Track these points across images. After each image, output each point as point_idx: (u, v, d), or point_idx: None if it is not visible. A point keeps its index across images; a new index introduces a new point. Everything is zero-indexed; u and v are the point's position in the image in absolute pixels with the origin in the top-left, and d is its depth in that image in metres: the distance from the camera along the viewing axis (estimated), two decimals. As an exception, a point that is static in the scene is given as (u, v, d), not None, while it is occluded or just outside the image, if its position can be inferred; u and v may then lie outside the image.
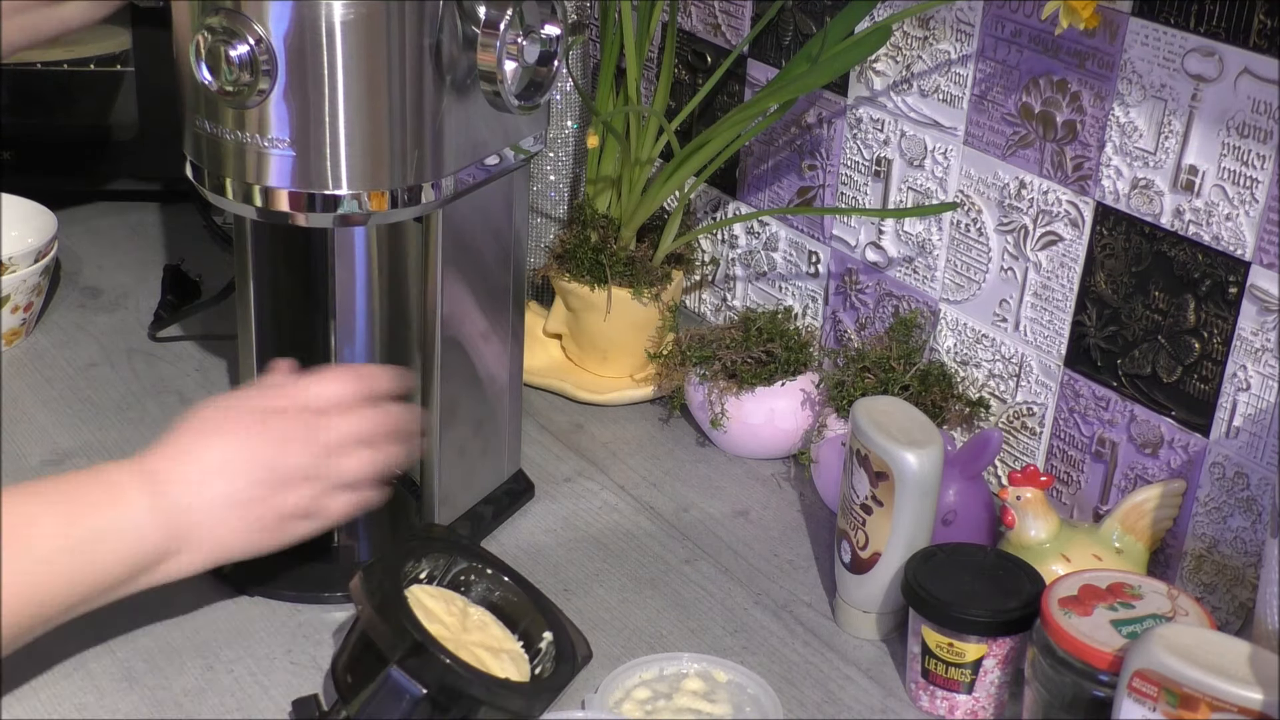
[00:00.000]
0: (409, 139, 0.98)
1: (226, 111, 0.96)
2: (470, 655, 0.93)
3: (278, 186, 0.97)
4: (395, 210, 0.99)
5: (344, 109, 0.95)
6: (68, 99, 1.57)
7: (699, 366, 1.27)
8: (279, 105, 0.95)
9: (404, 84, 0.96)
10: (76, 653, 1.01)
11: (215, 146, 0.98)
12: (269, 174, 0.97)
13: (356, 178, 0.97)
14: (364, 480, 1.02)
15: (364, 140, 0.97)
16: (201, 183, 1.01)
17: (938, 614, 0.97)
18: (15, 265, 1.31)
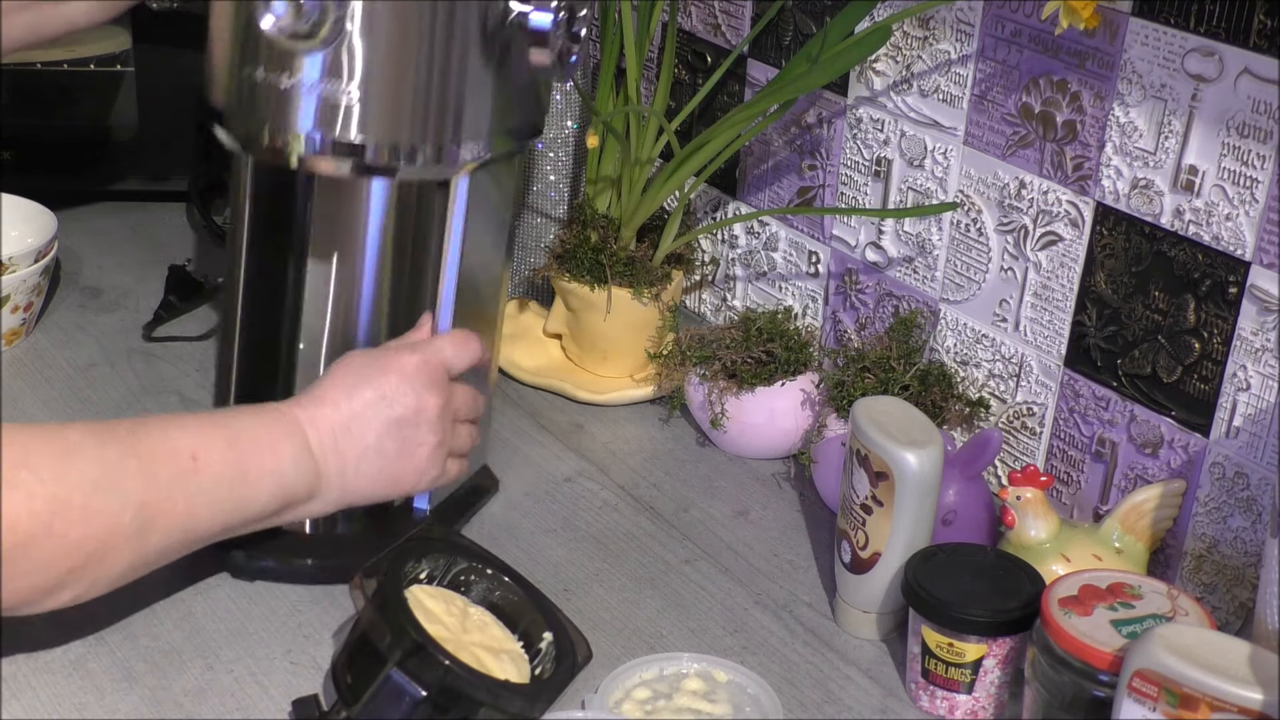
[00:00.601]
0: (458, 98, 1.02)
1: (276, 55, 0.99)
2: (470, 656, 0.93)
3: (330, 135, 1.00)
4: (434, 167, 1.04)
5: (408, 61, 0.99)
6: (68, 99, 1.57)
7: (699, 366, 1.27)
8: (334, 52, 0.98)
9: (450, 48, 1.00)
10: (77, 653, 1.01)
11: (253, 92, 1.00)
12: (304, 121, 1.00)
13: (394, 129, 1.01)
14: (468, 450, 1.09)
15: (423, 93, 1.00)
16: (230, 130, 1.04)
17: (938, 614, 0.97)
18: (15, 265, 1.31)
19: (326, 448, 1.00)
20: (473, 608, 1.00)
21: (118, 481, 0.90)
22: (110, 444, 0.91)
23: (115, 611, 1.05)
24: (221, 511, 0.95)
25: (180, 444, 0.93)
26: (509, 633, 1.00)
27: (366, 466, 1.01)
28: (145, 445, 0.92)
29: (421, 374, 1.03)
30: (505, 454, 1.26)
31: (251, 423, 0.98)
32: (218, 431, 0.96)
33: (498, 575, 1.02)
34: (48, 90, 1.56)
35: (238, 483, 0.96)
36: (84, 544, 0.88)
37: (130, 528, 0.90)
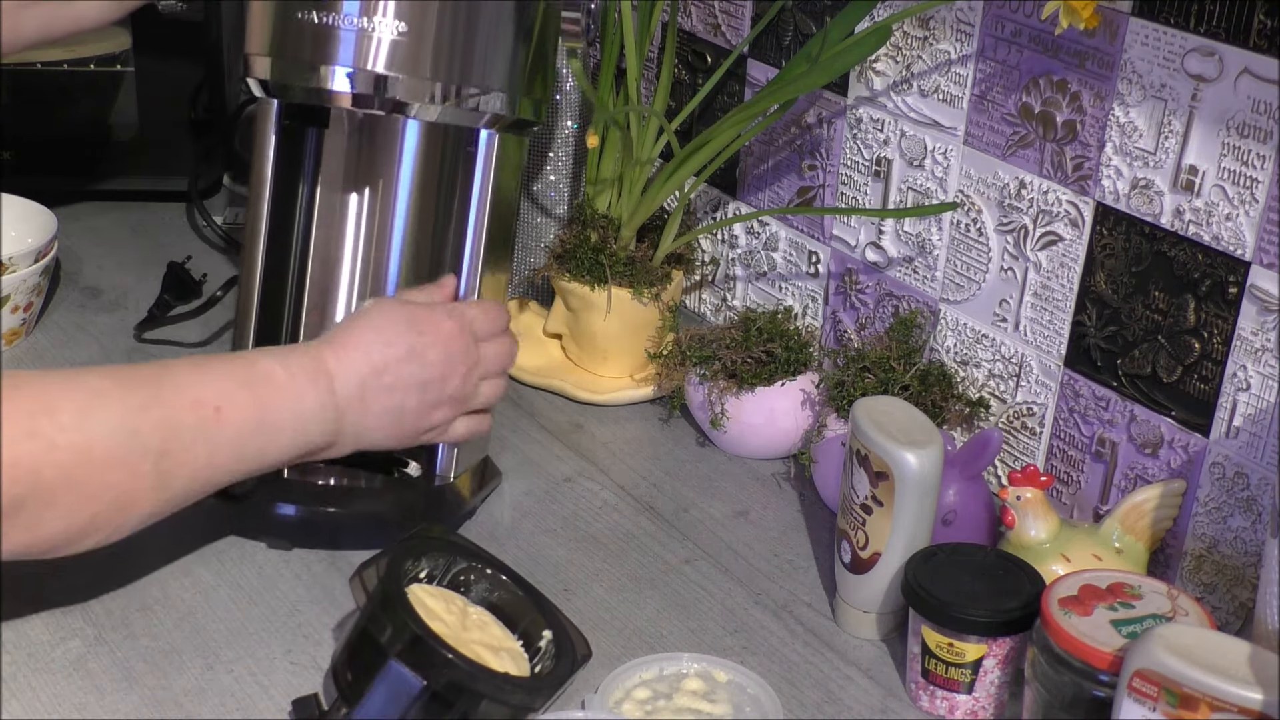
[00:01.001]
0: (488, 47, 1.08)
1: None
2: (470, 653, 0.93)
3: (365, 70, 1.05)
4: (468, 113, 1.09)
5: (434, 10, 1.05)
6: (68, 99, 1.57)
7: (699, 366, 1.27)
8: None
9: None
10: (77, 653, 1.01)
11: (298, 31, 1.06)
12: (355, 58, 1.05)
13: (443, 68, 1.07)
14: (491, 404, 1.11)
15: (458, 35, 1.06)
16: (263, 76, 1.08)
17: (938, 614, 0.97)
18: (15, 265, 1.31)
19: (351, 398, 1.00)
20: (472, 607, 1.00)
21: (140, 431, 0.90)
22: (134, 392, 0.91)
23: (115, 611, 1.05)
24: (241, 460, 0.97)
25: (205, 394, 0.94)
26: (509, 632, 1.00)
27: (385, 420, 1.03)
28: (169, 394, 0.92)
29: (456, 342, 1.05)
30: (505, 454, 1.26)
31: (279, 370, 0.98)
32: (243, 380, 0.96)
33: (497, 575, 1.02)
34: (48, 90, 1.56)
35: (259, 433, 0.96)
36: (105, 492, 0.89)
37: (151, 476, 0.91)
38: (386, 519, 1.12)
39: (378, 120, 1.20)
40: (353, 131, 1.20)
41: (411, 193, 1.20)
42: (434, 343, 1.04)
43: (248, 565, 1.11)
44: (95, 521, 0.90)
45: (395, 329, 1.03)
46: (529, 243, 1.44)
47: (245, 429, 0.96)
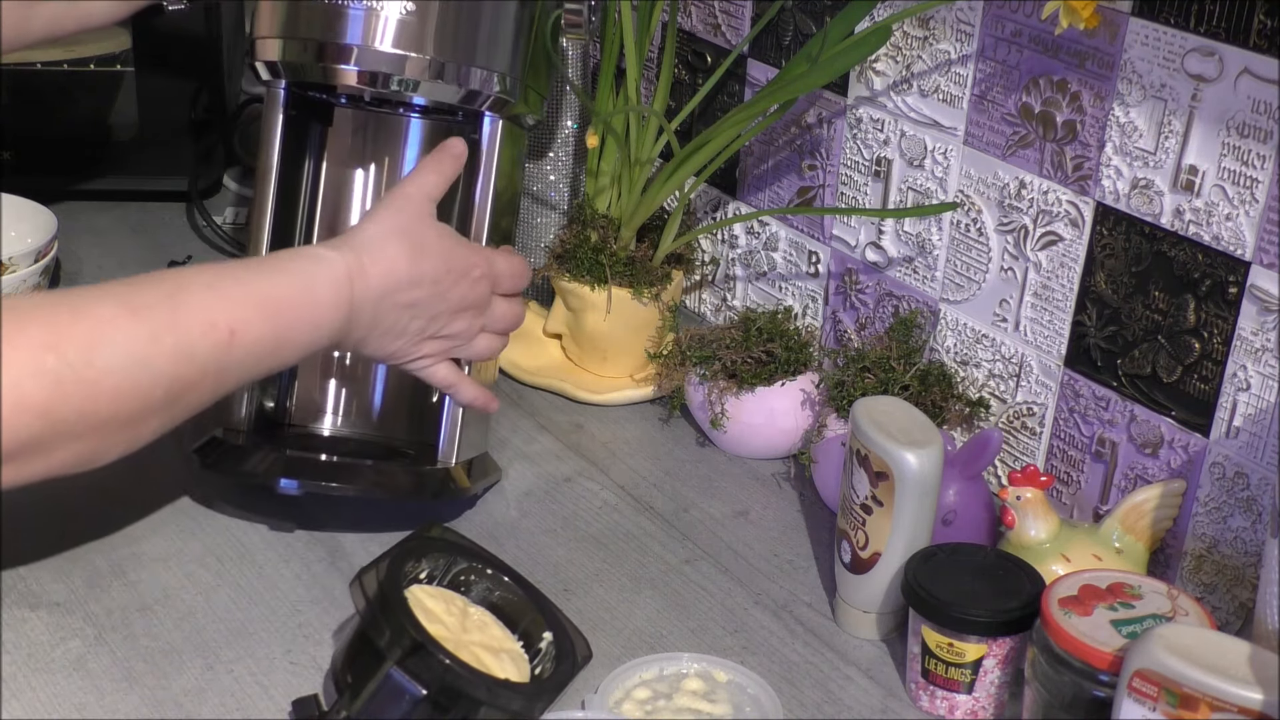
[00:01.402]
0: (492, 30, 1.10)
1: None
2: (470, 655, 0.93)
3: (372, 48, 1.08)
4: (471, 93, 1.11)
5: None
6: (68, 99, 1.57)
7: (699, 366, 1.27)
8: None
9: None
10: (77, 653, 1.01)
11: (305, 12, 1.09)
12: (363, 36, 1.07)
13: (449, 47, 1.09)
14: (484, 359, 1.12)
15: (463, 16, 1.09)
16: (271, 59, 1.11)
17: (938, 614, 0.97)
18: (15, 265, 1.31)
19: (364, 314, 1.00)
20: (473, 608, 1.00)
21: (150, 359, 0.88)
22: (145, 319, 0.89)
23: (115, 611, 1.05)
24: (248, 377, 0.96)
25: (219, 318, 0.92)
26: (509, 632, 1.00)
27: (384, 337, 1.03)
28: (182, 319, 0.91)
29: (477, 288, 1.07)
30: (505, 454, 1.26)
31: (298, 288, 0.97)
32: (260, 303, 0.95)
33: (498, 575, 1.02)
34: (48, 90, 1.56)
35: (270, 354, 0.96)
36: (116, 419, 0.88)
37: (161, 401, 0.90)
38: (389, 499, 1.13)
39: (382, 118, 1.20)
40: (357, 129, 1.21)
41: None
42: (458, 281, 1.05)
43: (248, 565, 1.11)
44: (106, 444, 0.89)
45: (429, 257, 1.03)
46: (529, 243, 1.44)
47: (257, 350, 0.94)
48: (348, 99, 1.21)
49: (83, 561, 1.10)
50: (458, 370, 1.10)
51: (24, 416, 0.83)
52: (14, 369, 0.83)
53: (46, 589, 1.07)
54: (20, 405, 0.83)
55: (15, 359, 0.83)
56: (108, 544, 1.12)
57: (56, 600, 1.06)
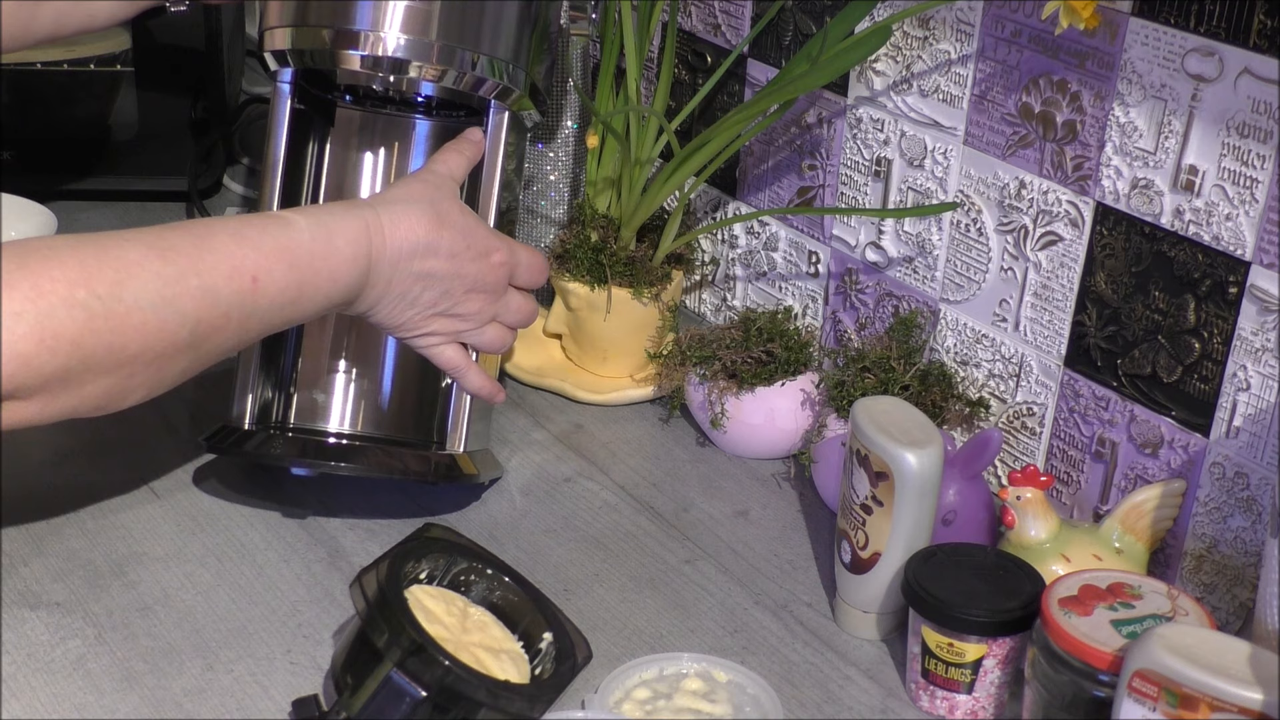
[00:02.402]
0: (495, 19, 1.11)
1: None
2: (470, 656, 0.93)
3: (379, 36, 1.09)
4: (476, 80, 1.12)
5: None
6: (68, 99, 1.57)
7: (699, 366, 1.27)
8: None
9: None
10: (77, 653, 1.01)
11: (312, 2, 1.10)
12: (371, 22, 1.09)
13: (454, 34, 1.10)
14: (492, 350, 1.12)
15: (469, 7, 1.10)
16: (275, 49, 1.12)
17: (938, 614, 0.97)
18: (15, 265, 1.31)
19: (380, 276, 1.02)
20: (473, 608, 1.00)
21: (176, 299, 0.91)
22: (172, 260, 0.91)
23: (115, 611, 1.05)
24: (270, 325, 0.98)
25: (244, 264, 0.94)
26: (509, 633, 1.00)
27: (396, 304, 1.04)
28: (208, 264, 0.93)
29: (495, 272, 1.08)
30: (505, 454, 1.26)
31: (321, 242, 0.99)
32: (283, 253, 0.97)
33: (498, 575, 1.02)
34: (48, 90, 1.56)
35: (291, 304, 0.97)
36: (142, 355, 0.90)
37: (186, 341, 0.92)
38: (397, 476, 1.14)
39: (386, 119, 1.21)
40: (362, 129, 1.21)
41: None
42: (475, 259, 1.06)
43: (248, 565, 1.11)
44: (135, 381, 0.91)
45: (449, 229, 1.04)
46: (529, 243, 1.43)
47: (279, 300, 0.97)
48: (352, 97, 1.21)
49: (83, 561, 1.10)
50: (466, 355, 1.11)
51: (56, 347, 0.85)
52: (46, 300, 0.85)
53: (46, 589, 1.07)
54: (52, 336, 0.85)
55: (47, 291, 0.85)
56: (108, 544, 1.12)
57: (56, 600, 1.06)
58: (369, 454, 1.16)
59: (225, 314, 0.93)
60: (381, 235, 1.01)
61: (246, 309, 0.95)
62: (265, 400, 1.18)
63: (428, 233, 1.03)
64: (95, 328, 0.87)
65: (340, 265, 0.99)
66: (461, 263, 1.06)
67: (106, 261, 0.89)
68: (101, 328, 0.87)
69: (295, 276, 0.97)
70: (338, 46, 1.10)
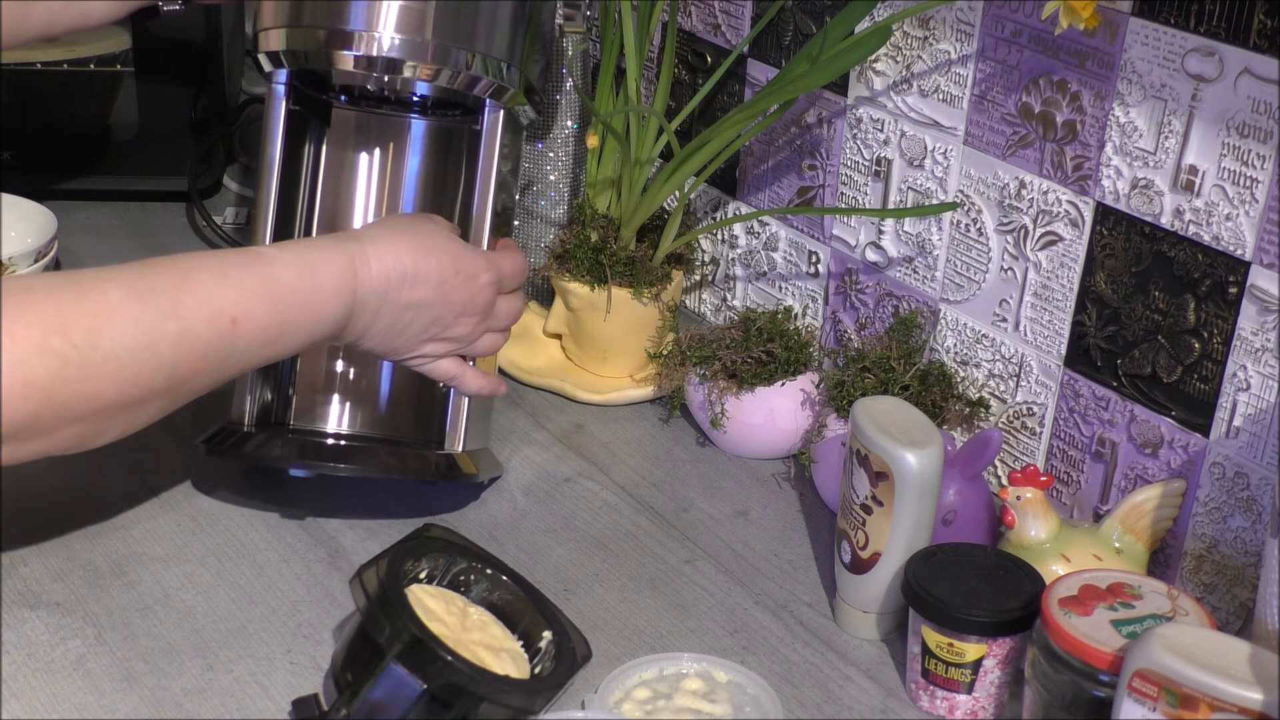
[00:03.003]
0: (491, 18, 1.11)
1: None
2: (470, 654, 0.93)
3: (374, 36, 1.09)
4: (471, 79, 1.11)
5: None
6: (68, 99, 1.57)
7: (699, 366, 1.27)
8: None
9: None
10: (77, 653, 1.01)
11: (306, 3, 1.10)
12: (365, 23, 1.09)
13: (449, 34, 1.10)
14: (486, 355, 1.13)
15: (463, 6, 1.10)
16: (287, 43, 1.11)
17: (938, 614, 0.97)
18: (15, 265, 1.31)
19: (367, 308, 1.01)
20: (472, 607, 1.00)
21: (154, 346, 0.90)
22: (151, 303, 0.90)
23: (115, 611, 1.05)
24: (250, 365, 0.97)
25: (223, 305, 0.93)
26: (509, 632, 1.00)
27: (385, 333, 1.04)
28: (188, 306, 0.92)
29: (483, 292, 1.07)
30: (505, 454, 1.26)
31: (304, 279, 0.98)
32: (265, 291, 0.96)
33: (497, 575, 1.02)
34: (48, 90, 1.56)
35: (272, 343, 0.97)
36: (117, 401, 0.89)
37: (162, 386, 0.91)
38: (396, 476, 1.14)
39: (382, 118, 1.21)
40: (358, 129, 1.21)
41: (416, 186, 1.22)
42: (464, 284, 1.06)
43: (248, 565, 1.11)
44: (107, 425, 0.91)
45: (435, 256, 1.04)
46: (529, 243, 1.43)
47: (258, 341, 0.95)
48: (347, 97, 1.21)
49: (83, 561, 1.10)
50: (460, 362, 1.11)
51: (27, 395, 0.84)
52: (20, 347, 0.84)
53: (46, 589, 1.07)
54: (23, 383, 0.84)
55: (22, 337, 0.84)
56: (108, 544, 1.12)
57: (56, 600, 1.06)
58: (367, 454, 1.16)
59: (203, 357, 0.92)
60: (367, 267, 1.00)
61: (225, 351, 0.94)
62: (265, 401, 1.18)
63: (414, 262, 1.02)
64: (69, 375, 0.86)
65: (324, 301, 0.98)
66: (449, 290, 1.05)
67: (85, 305, 0.87)
68: (75, 375, 0.86)
69: (277, 314, 0.96)
70: (332, 47, 1.10)
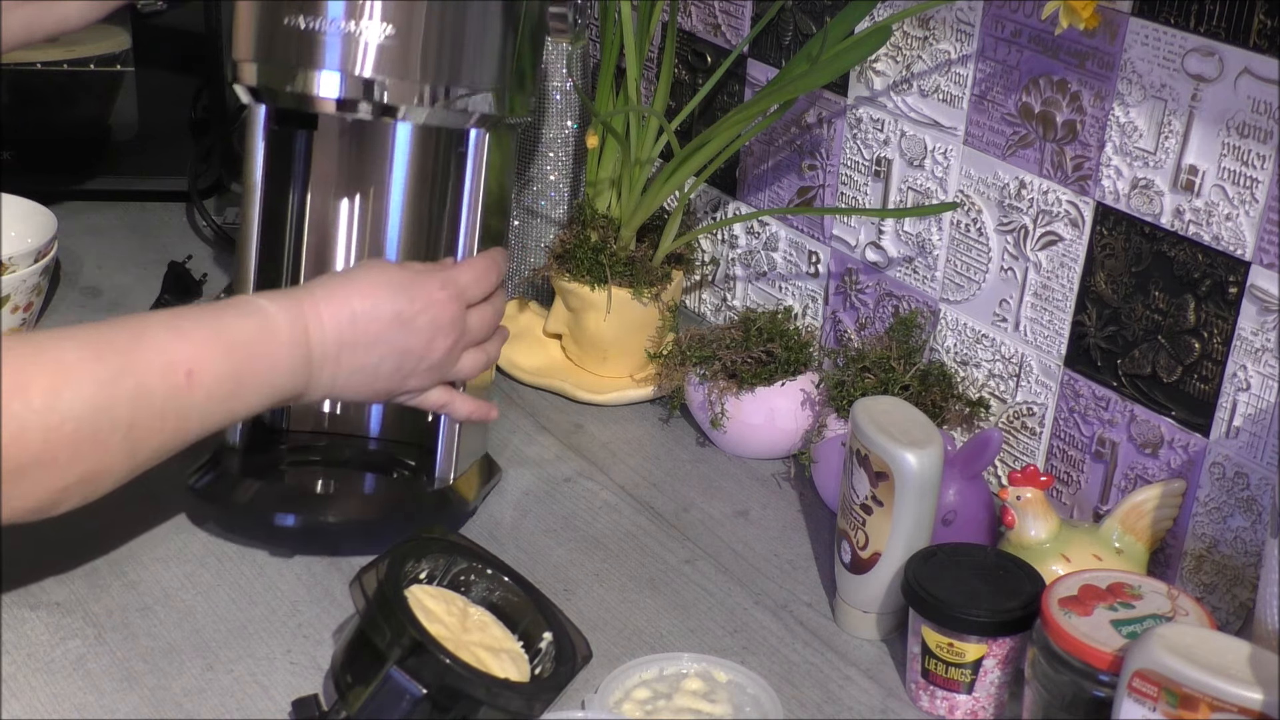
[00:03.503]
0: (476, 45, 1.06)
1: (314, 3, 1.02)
2: (470, 655, 0.93)
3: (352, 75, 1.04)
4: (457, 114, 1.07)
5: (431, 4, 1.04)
6: (68, 99, 1.57)
7: (699, 366, 1.27)
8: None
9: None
10: (77, 653, 1.01)
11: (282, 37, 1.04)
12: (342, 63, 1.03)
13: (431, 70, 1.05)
14: (473, 375, 1.09)
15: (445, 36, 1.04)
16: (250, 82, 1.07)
17: (938, 614, 0.97)
18: (15, 265, 1.31)
19: (327, 356, 0.99)
20: (473, 608, 1.00)
21: (111, 405, 0.89)
22: (107, 359, 0.90)
23: (115, 611, 1.05)
24: (211, 422, 0.96)
25: (178, 358, 0.93)
26: (509, 633, 1.00)
27: (358, 379, 1.02)
28: (142, 361, 0.91)
29: (445, 310, 1.04)
30: (505, 454, 1.26)
31: (257, 326, 0.97)
32: (218, 341, 0.95)
33: (497, 575, 1.02)
34: (48, 90, 1.56)
35: (231, 396, 0.96)
36: (75, 465, 0.89)
37: (120, 447, 0.91)
38: (388, 525, 1.11)
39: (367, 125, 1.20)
40: (343, 135, 1.20)
41: (404, 194, 1.20)
42: (423, 310, 1.03)
43: (248, 565, 1.11)
44: (66, 492, 0.90)
45: (385, 291, 1.02)
46: (529, 243, 1.44)
47: (216, 393, 0.95)
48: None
49: (83, 561, 1.10)
50: (449, 389, 1.09)
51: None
52: None
53: (46, 589, 1.07)
54: None
55: None
56: (108, 544, 1.12)
57: (56, 600, 1.06)
58: (355, 501, 1.14)
59: (160, 413, 0.92)
60: (318, 315, 0.99)
61: (183, 406, 0.93)
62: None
63: (362, 301, 1.01)
64: (27, 440, 0.86)
65: (279, 349, 0.97)
66: (407, 319, 1.02)
67: (41, 365, 0.87)
68: (34, 439, 0.86)
69: (232, 365, 0.95)
70: (309, 89, 1.05)
